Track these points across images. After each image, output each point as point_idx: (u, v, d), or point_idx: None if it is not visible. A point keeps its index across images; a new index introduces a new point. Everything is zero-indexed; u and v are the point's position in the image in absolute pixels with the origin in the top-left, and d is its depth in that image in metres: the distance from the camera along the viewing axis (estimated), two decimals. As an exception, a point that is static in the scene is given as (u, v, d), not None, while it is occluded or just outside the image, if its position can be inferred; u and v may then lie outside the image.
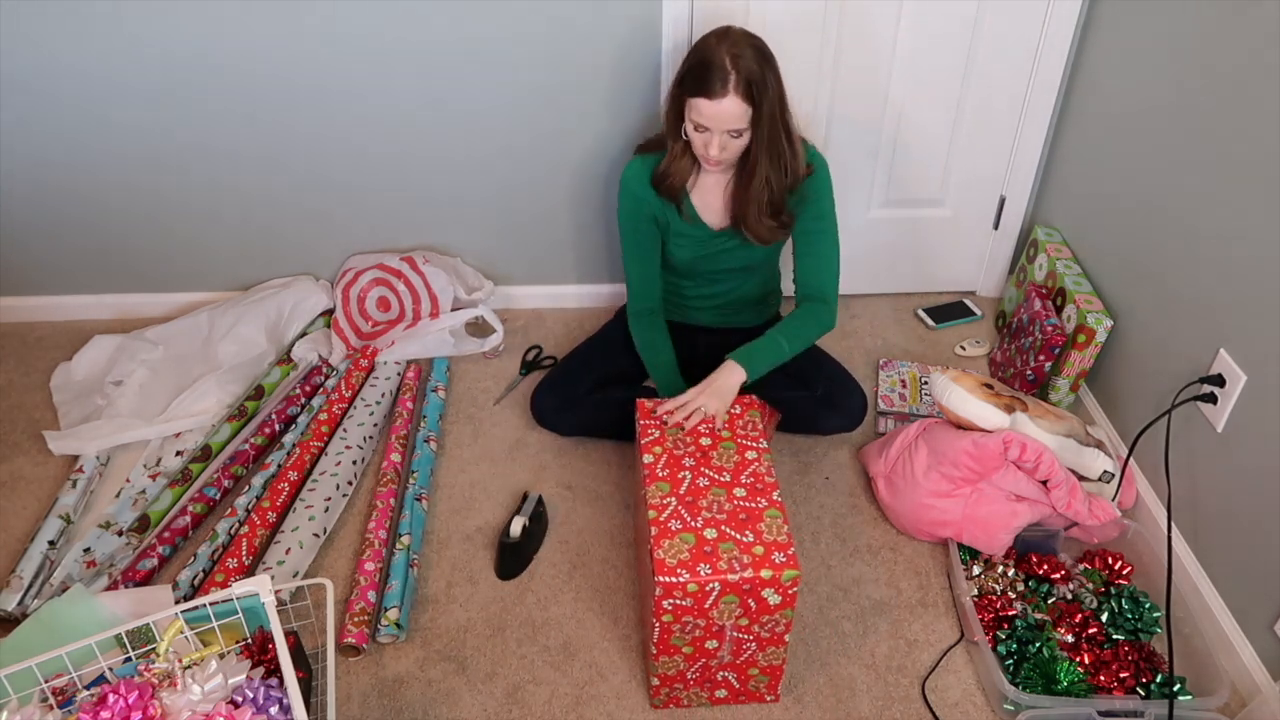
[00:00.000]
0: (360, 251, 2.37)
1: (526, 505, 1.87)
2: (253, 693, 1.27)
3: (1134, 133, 1.90)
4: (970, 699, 1.61)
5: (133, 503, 1.89)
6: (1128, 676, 1.58)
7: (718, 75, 1.62)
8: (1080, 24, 2.05)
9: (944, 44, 2.08)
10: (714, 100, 1.63)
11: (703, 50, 1.66)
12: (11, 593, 1.68)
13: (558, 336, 2.39)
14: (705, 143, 1.70)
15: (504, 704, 1.60)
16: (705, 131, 1.68)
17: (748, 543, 1.47)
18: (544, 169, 2.24)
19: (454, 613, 1.74)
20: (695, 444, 1.65)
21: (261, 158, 2.18)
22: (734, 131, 1.68)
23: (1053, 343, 2.03)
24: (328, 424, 2.05)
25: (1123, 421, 2.00)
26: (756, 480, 1.57)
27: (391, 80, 2.08)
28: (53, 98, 2.05)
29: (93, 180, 2.19)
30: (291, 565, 1.74)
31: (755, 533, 1.48)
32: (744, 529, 1.49)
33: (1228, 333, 1.62)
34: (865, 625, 1.73)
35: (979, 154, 2.26)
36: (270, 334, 2.25)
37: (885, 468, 1.90)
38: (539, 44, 2.04)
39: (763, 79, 1.65)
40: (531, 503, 1.88)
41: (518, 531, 1.80)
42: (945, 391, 1.78)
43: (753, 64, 1.63)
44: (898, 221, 2.37)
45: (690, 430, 1.68)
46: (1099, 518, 1.74)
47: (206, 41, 1.99)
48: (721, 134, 1.67)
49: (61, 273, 2.36)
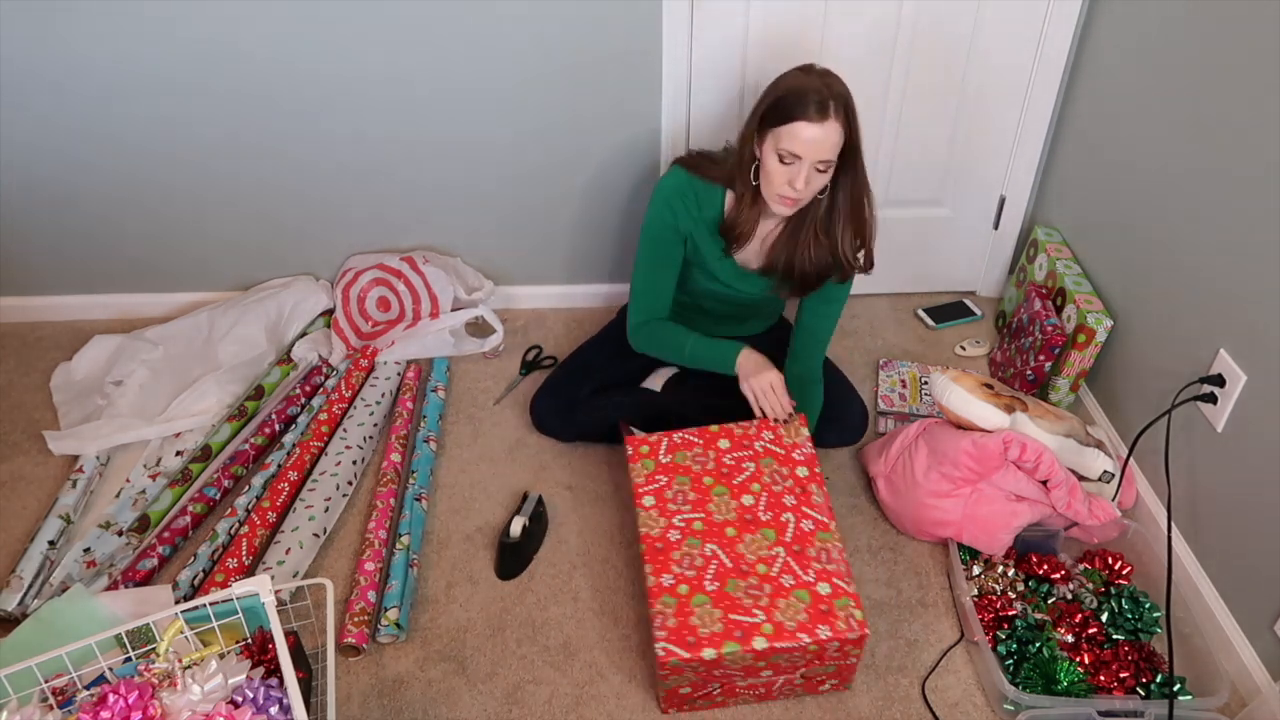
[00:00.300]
0: (360, 251, 2.37)
1: (526, 505, 1.87)
2: (253, 693, 1.27)
3: (1134, 133, 1.90)
4: (970, 699, 1.61)
5: (133, 503, 1.89)
6: (1128, 676, 1.59)
7: (816, 99, 1.56)
8: (1080, 24, 2.05)
9: (944, 44, 2.08)
10: (813, 123, 1.57)
11: (792, 80, 1.61)
12: (11, 593, 1.68)
13: (558, 336, 2.39)
14: (791, 177, 1.61)
15: (504, 704, 1.60)
16: (794, 163, 1.60)
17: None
18: (544, 169, 2.24)
19: (454, 613, 1.74)
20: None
21: (262, 158, 2.18)
22: (823, 164, 1.61)
23: (1053, 343, 2.03)
24: (328, 424, 2.05)
25: (1123, 421, 2.00)
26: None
27: (392, 80, 2.07)
28: (53, 98, 2.05)
29: (93, 180, 2.19)
30: (291, 565, 1.74)
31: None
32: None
33: (1228, 333, 1.62)
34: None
35: (979, 154, 2.26)
36: (270, 334, 2.25)
37: (885, 468, 1.90)
38: (539, 44, 2.04)
39: (854, 111, 1.61)
40: (531, 503, 1.88)
41: (518, 531, 1.80)
42: (945, 391, 1.78)
43: (845, 93, 1.60)
44: (897, 221, 2.37)
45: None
46: (1099, 518, 1.74)
47: (207, 41, 1.99)
48: (810, 166, 1.60)
49: (61, 273, 2.36)
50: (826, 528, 1.57)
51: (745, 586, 1.50)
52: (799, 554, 1.53)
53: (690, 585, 1.50)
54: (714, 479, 1.65)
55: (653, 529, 1.59)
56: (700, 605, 1.48)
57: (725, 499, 1.62)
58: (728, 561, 1.53)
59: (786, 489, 1.62)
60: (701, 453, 1.69)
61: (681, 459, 1.69)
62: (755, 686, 1.53)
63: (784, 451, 1.68)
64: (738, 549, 1.55)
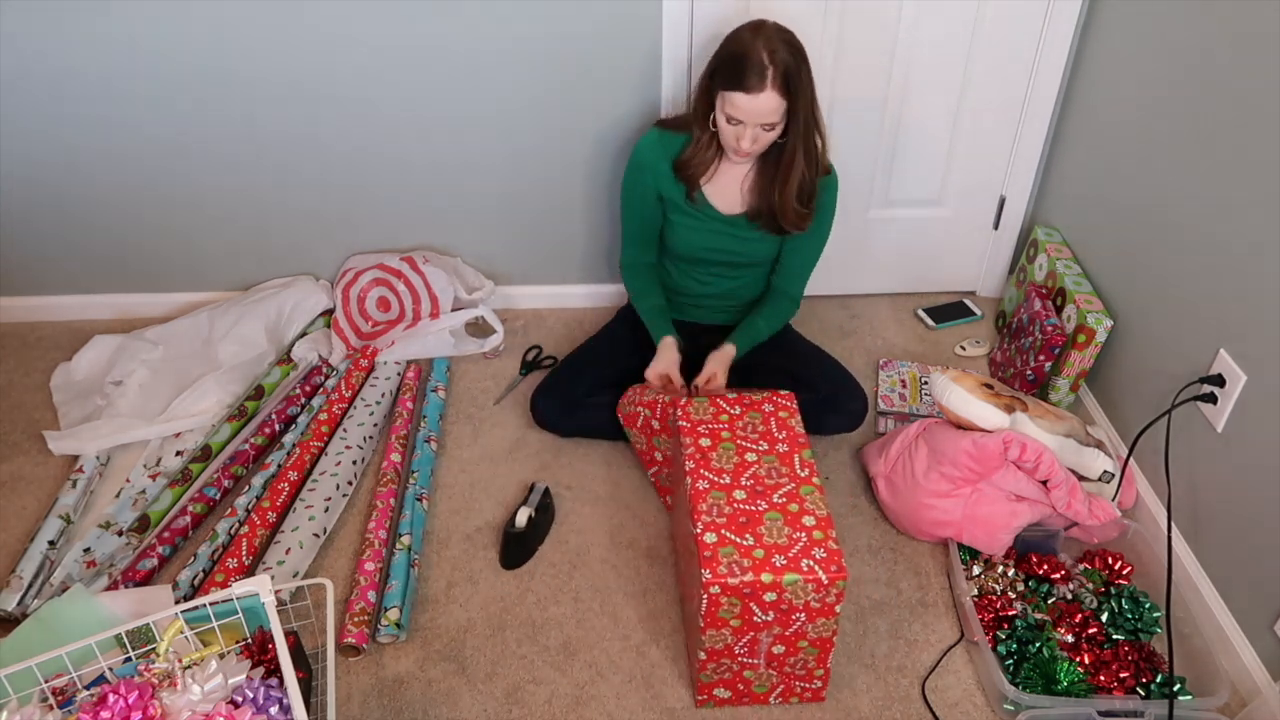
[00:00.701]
0: (360, 251, 2.37)
1: (533, 496, 1.88)
2: (253, 693, 1.26)
3: (1134, 133, 1.90)
4: (970, 699, 1.61)
5: (133, 503, 1.89)
6: (1128, 676, 1.58)
7: (755, 69, 1.63)
8: (1080, 24, 2.05)
9: (944, 44, 2.08)
10: (751, 94, 1.64)
11: (738, 44, 1.67)
12: (11, 593, 1.68)
13: (558, 336, 2.39)
14: (738, 135, 1.71)
15: (504, 704, 1.60)
16: (738, 124, 1.69)
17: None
18: (544, 168, 2.24)
19: (454, 613, 1.74)
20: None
21: (262, 158, 2.18)
22: (767, 125, 1.69)
23: (1053, 343, 2.03)
24: (328, 424, 2.05)
25: (1123, 421, 2.00)
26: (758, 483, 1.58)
27: (392, 80, 2.08)
28: (53, 98, 2.05)
29: (93, 180, 2.19)
30: (291, 565, 1.74)
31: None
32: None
33: (1228, 333, 1.62)
34: (865, 625, 1.73)
35: (979, 154, 2.26)
36: (270, 334, 2.25)
37: (885, 468, 1.90)
38: (539, 44, 2.04)
39: (798, 73, 1.66)
40: (538, 494, 1.89)
41: (523, 522, 1.82)
42: (945, 391, 1.78)
43: (789, 58, 1.65)
44: (898, 221, 2.37)
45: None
46: (1099, 518, 1.74)
47: (207, 41, 1.99)
48: (754, 127, 1.69)
49: (61, 273, 2.36)
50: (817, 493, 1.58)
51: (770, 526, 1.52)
52: (794, 522, 1.55)
53: (721, 536, 1.52)
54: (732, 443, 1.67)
55: (699, 483, 1.59)
56: (727, 554, 1.49)
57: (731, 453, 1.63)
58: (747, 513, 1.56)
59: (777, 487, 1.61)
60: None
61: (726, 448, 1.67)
62: (759, 669, 1.55)
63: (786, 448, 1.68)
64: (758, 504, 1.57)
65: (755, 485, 1.57)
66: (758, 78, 1.63)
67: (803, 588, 1.44)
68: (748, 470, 1.60)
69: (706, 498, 1.55)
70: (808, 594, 1.45)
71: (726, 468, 1.60)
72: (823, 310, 2.45)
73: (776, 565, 1.44)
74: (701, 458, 1.62)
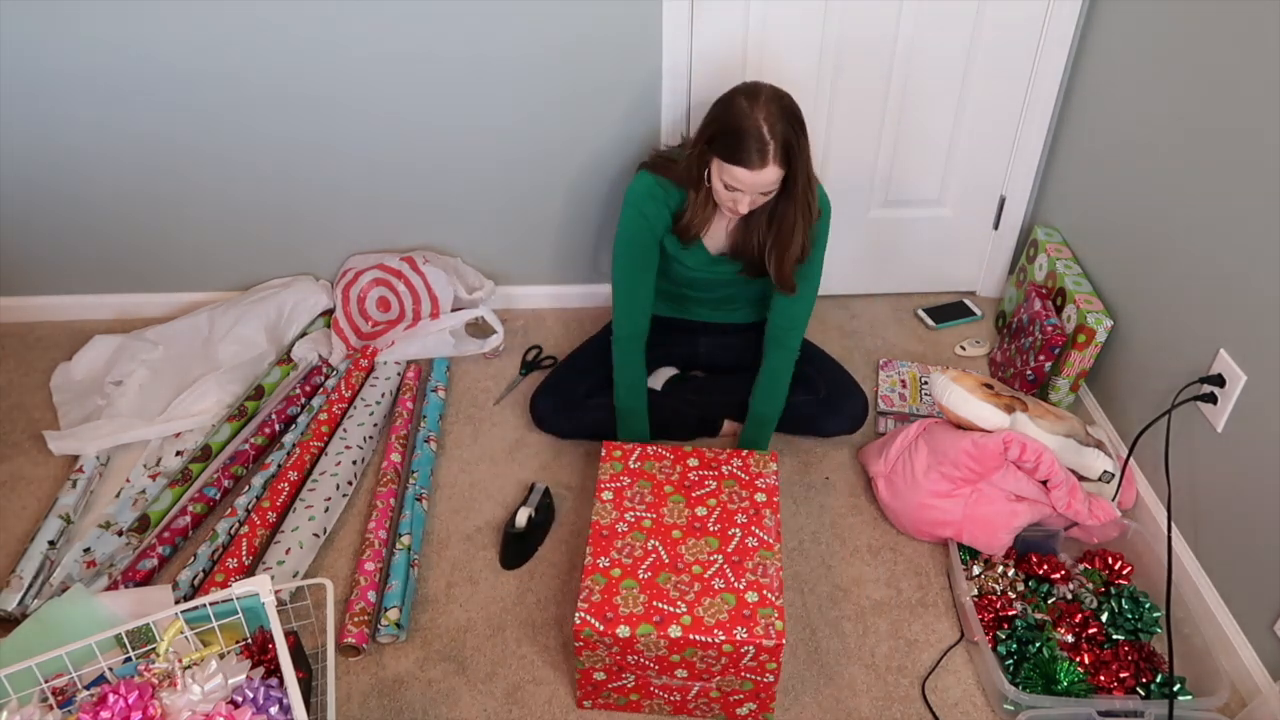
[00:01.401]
0: (360, 251, 2.37)
1: (532, 496, 1.88)
2: (253, 693, 1.27)
3: (1134, 133, 1.90)
4: (970, 699, 1.61)
5: (133, 503, 1.89)
6: (1128, 676, 1.59)
7: (755, 147, 1.57)
8: (1080, 24, 2.05)
9: (944, 44, 2.08)
10: (752, 171, 1.59)
11: (735, 116, 1.59)
12: (11, 593, 1.68)
13: (558, 336, 2.39)
14: (735, 200, 1.66)
15: (504, 704, 1.60)
16: (736, 192, 1.64)
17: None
18: (544, 168, 2.24)
19: (454, 613, 1.74)
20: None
21: (262, 158, 2.18)
22: (766, 193, 1.66)
23: (1053, 343, 2.03)
24: (328, 424, 2.05)
25: (1123, 421, 2.00)
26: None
27: (391, 80, 2.07)
28: (54, 98, 2.05)
29: (93, 180, 2.19)
30: (291, 565, 1.74)
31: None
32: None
33: (1228, 333, 1.62)
34: (865, 625, 1.73)
35: (979, 154, 2.26)
36: (270, 334, 2.25)
37: (885, 468, 1.90)
38: (539, 46, 2.04)
39: (797, 143, 1.61)
40: (537, 494, 1.89)
41: (523, 522, 1.82)
42: (945, 391, 1.78)
43: (788, 130, 1.59)
44: (898, 221, 2.37)
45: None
46: (1099, 518, 1.74)
47: (207, 42, 1.99)
48: (753, 195, 1.65)
49: (61, 273, 2.36)
50: (770, 547, 1.59)
51: (676, 581, 1.53)
52: (736, 564, 1.56)
53: (623, 570, 1.55)
54: (674, 488, 1.69)
55: (604, 518, 1.63)
56: (628, 589, 1.52)
57: (680, 507, 1.65)
58: (665, 557, 1.57)
59: (741, 509, 1.65)
60: (669, 465, 1.73)
61: (649, 467, 1.72)
62: (670, 689, 1.54)
63: (748, 478, 1.71)
64: (679, 549, 1.58)
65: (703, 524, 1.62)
66: (759, 155, 1.57)
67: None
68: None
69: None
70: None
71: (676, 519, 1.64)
72: (823, 310, 2.45)
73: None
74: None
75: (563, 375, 2.07)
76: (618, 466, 1.72)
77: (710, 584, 1.52)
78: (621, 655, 1.49)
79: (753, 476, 1.70)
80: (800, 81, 2.07)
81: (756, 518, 1.63)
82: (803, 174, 1.66)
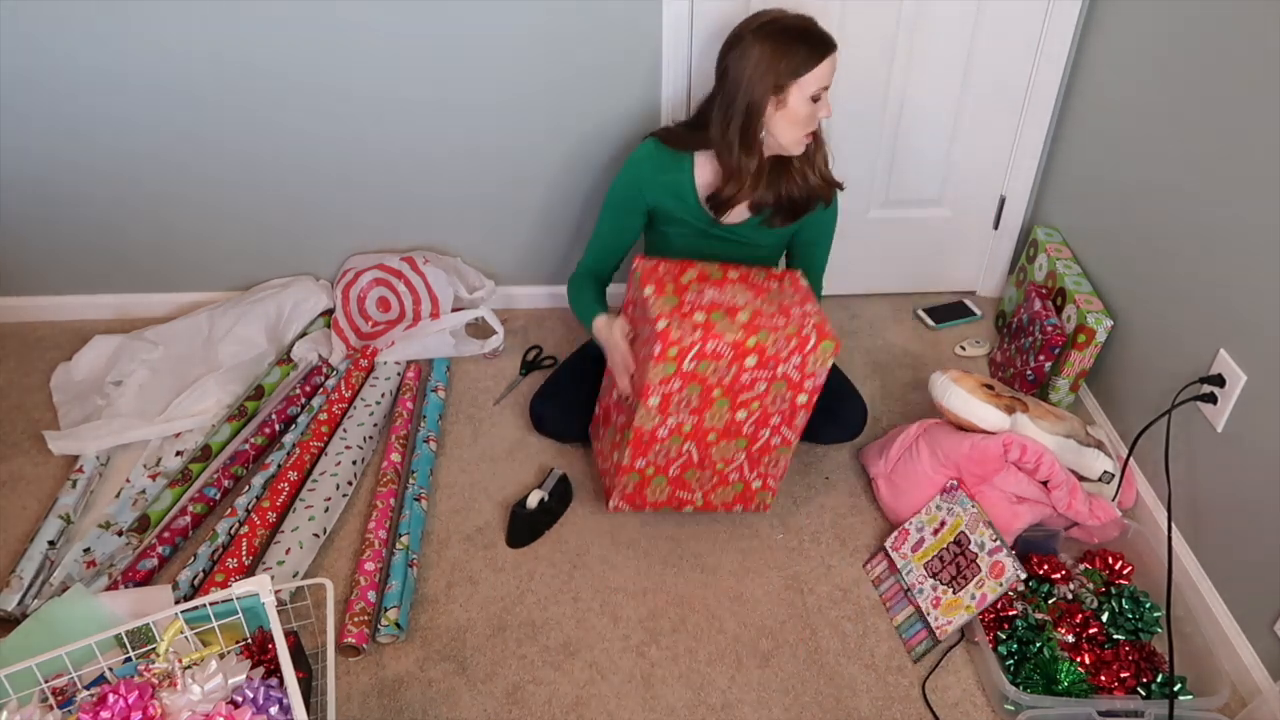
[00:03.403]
0: (360, 251, 2.37)
1: (549, 480, 1.91)
2: (253, 693, 1.26)
3: (1134, 133, 1.90)
4: (970, 699, 1.61)
5: (133, 503, 1.89)
6: (1128, 676, 1.59)
7: (818, 34, 1.66)
8: (1080, 23, 2.05)
9: (944, 44, 2.08)
10: (831, 56, 1.66)
11: (786, 34, 1.65)
12: (11, 593, 1.68)
13: (558, 337, 2.39)
14: (825, 106, 1.70)
15: (504, 704, 1.60)
16: (822, 96, 1.69)
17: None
18: (545, 168, 2.24)
19: (454, 613, 1.74)
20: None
21: (261, 157, 2.18)
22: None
23: (1053, 343, 2.03)
24: (328, 424, 2.05)
25: (1123, 421, 2.00)
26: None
27: (391, 80, 2.07)
28: (53, 97, 2.05)
29: (93, 180, 2.19)
30: (291, 565, 1.74)
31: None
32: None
33: (1228, 333, 1.62)
34: (865, 625, 1.73)
35: (979, 154, 2.26)
36: (270, 334, 2.25)
37: (886, 468, 1.90)
38: (540, 43, 2.04)
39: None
40: (553, 479, 1.91)
41: (534, 503, 1.85)
42: (945, 392, 1.78)
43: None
44: (898, 221, 2.37)
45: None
46: (1099, 518, 1.74)
47: (206, 41, 1.99)
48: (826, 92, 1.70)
49: (61, 273, 2.36)
50: (789, 444, 1.77)
51: (700, 477, 1.78)
52: (755, 459, 1.77)
53: (656, 470, 1.76)
54: (723, 392, 1.67)
55: (647, 424, 1.69)
56: (658, 484, 1.78)
57: (723, 410, 1.69)
58: (696, 457, 1.75)
59: (779, 411, 1.71)
60: (724, 366, 1.63)
61: (704, 368, 1.63)
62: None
63: (799, 378, 1.68)
64: (710, 452, 1.74)
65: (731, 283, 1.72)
66: (827, 39, 1.66)
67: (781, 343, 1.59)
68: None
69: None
70: (787, 347, 1.60)
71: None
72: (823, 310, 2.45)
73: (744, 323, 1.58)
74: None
75: (563, 379, 2.07)
76: (670, 368, 1.62)
77: (727, 477, 1.78)
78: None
79: (803, 378, 1.68)
80: (800, 81, 2.08)
81: (789, 418, 1.72)
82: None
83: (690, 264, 1.75)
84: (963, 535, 1.70)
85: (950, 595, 1.67)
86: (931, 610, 1.68)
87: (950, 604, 1.66)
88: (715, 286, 1.69)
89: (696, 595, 1.77)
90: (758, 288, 1.71)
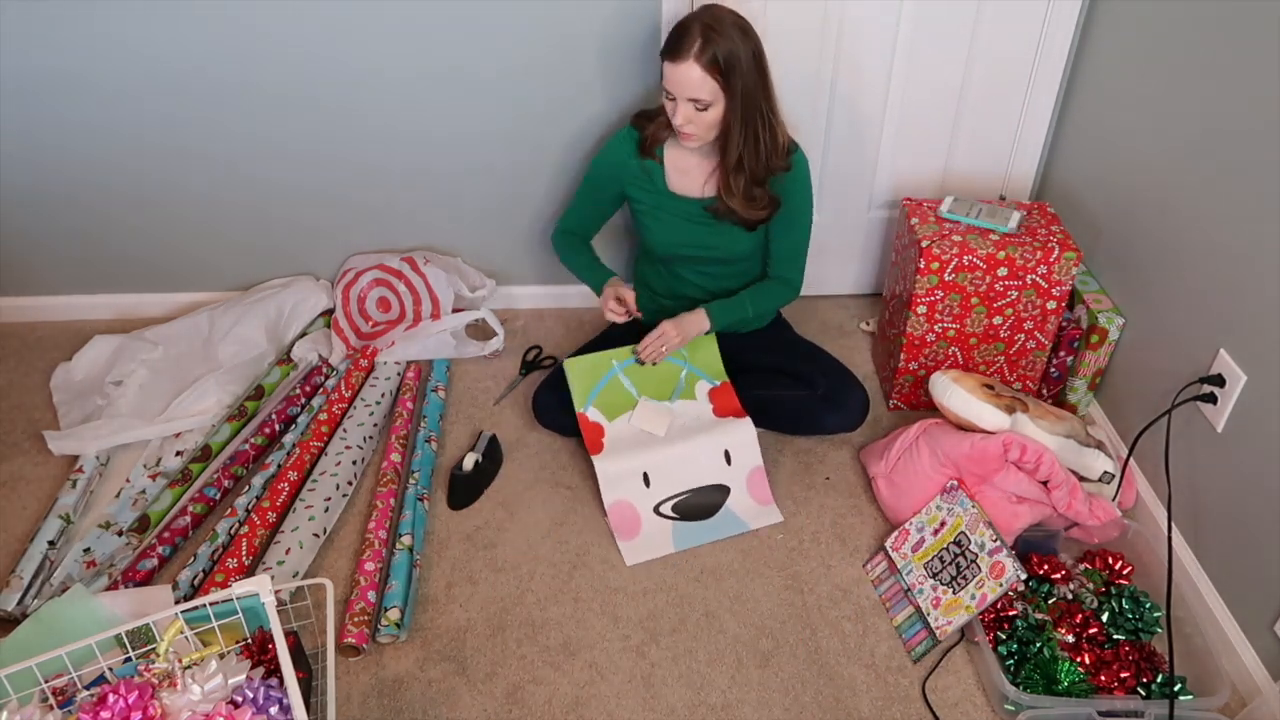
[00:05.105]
0: (360, 251, 2.37)
1: (480, 442, 2.01)
2: (253, 693, 1.27)
3: (1134, 133, 1.90)
4: (970, 699, 1.61)
5: (133, 503, 1.89)
6: (1128, 676, 1.58)
7: (685, 39, 1.65)
8: (1080, 23, 2.05)
9: (944, 43, 2.08)
10: (675, 64, 1.66)
11: (683, 19, 1.69)
12: (11, 593, 1.68)
13: (558, 337, 2.39)
14: (672, 110, 1.72)
15: (504, 704, 1.60)
16: (672, 100, 1.71)
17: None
18: (545, 168, 2.24)
19: (454, 613, 1.74)
20: None
21: (261, 158, 2.18)
22: (698, 103, 1.69)
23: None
24: (328, 424, 2.05)
25: (1123, 421, 2.00)
26: None
27: (391, 79, 2.08)
28: (53, 98, 2.05)
29: (93, 181, 2.19)
30: (291, 565, 1.74)
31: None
32: None
33: (1228, 333, 1.62)
34: (865, 625, 1.73)
35: (979, 153, 2.26)
36: (270, 334, 2.25)
37: (886, 468, 1.90)
38: (541, 43, 2.04)
39: (733, 55, 1.65)
40: (484, 441, 2.01)
41: (469, 466, 1.95)
42: (946, 392, 1.78)
43: (726, 38, 1.64)
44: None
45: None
46: (1099, 518, 1.74)
47: (206, 43, 1.99)
48: (685, 103, 1.69)
49: (61, 273, 2.36)
50: (1043, 347, 1.99)
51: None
52: (1013, 363, 2.03)
53: (928, 371, 2.04)
54: (980, 299, 1.93)
55: (916, 330, 1.98)
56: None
57: (981, 317, 1.95)
58: (961, 359, 2.02)
59: (1031, 316, 1.94)
60: (980, 277, 1.90)
61: (962, 279, 1.91)
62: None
63: (1047, 285, 1.91)
64: (973, 354, 2.01)
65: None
66: (686, 48, 1.64)
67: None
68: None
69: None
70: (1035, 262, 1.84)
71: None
72: (823, 310, 2.45)
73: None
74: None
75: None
76: (934, 280, 1.91)
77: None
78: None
79: (1051, 285, 1.90)
80: (800, 81, 2.08)
81: (1041, 323, 1.96)
82: (744, 93, 1.69)
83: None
84: (963, 535, 1.70)
85: (950, 595, 1.67)
86: (931, 610, 1.68)
87: (950, 604, 1.66)
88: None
89: (696, 595, 1.77)
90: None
